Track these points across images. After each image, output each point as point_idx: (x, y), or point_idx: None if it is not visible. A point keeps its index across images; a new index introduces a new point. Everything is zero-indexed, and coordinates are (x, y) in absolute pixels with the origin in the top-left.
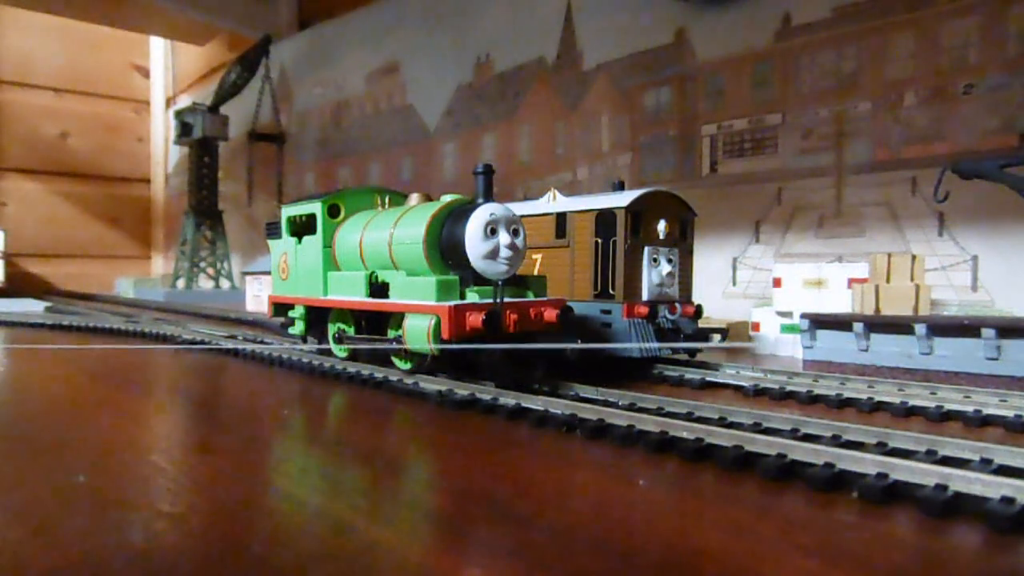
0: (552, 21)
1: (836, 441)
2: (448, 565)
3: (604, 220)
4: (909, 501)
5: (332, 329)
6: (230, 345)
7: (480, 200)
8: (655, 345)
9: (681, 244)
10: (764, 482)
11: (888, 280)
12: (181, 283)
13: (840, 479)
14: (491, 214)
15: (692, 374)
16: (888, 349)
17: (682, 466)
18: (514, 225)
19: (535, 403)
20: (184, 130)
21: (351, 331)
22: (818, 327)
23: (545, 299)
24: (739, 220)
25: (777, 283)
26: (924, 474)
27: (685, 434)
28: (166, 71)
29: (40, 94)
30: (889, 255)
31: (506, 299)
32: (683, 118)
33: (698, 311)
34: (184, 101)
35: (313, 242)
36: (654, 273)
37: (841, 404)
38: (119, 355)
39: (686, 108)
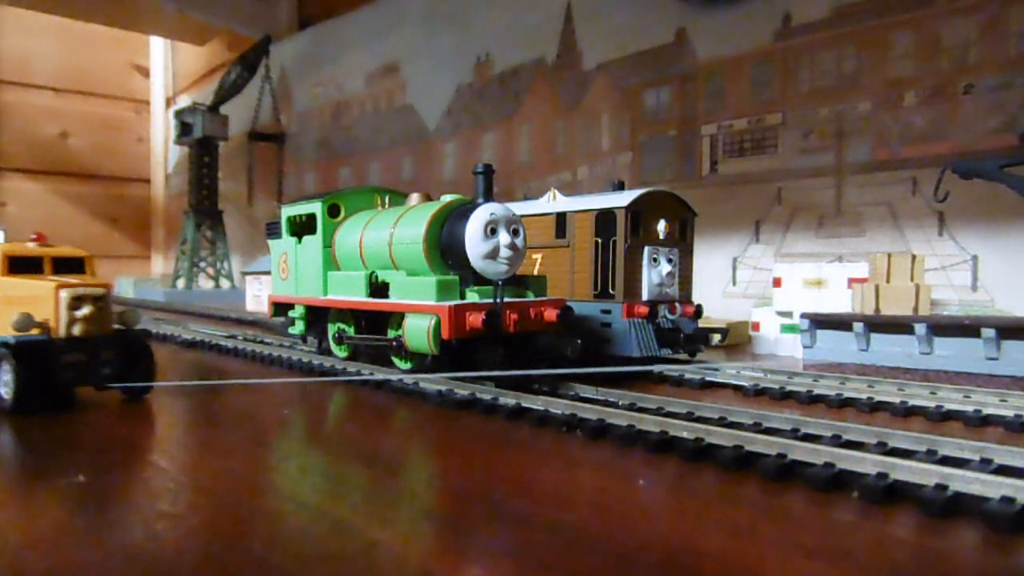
0: (552, 21)
1: (836, 441)
2: (448, 565)
3: (604, 220)
4: (909, 501)
5: (332, 329)
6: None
7: (480, 200)
8: (655, 349)
9: (681, 244)
10: (764, 482)
11: (888, 280)
12: (181, 283)
13: (840, 479)
14: (491, 214)
15: (692, 374)
16: (888, 349)
17: (682, 466)
18: (514, 225)
19: (535, 403)
20: (184, 130)
21: (351, 331)
22: (818, 327)
23: (545, 299)
24: (739, 220)
25: (777, 283)
26: (924, 474)
27: (685, 434)
28: (166, 71)
29: (40, 94)
30: (889, 255)
31: (506, 299)
32: (683, 118)
33: (698, 311)
34: (184, 101)
35: (313, 242)
36: (654, 273)
37: (841, 404)
38: None
39: (686, 108)
